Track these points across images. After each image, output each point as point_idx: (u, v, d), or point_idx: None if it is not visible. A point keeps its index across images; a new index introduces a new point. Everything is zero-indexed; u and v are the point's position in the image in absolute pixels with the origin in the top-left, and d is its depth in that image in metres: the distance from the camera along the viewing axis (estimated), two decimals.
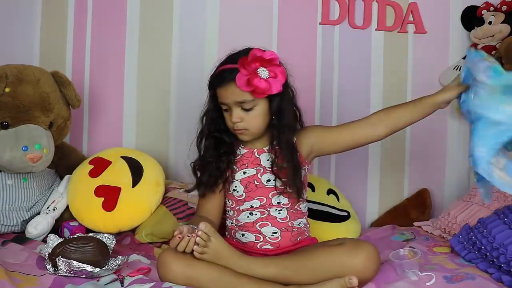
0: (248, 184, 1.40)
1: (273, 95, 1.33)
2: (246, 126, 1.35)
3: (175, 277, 1.21)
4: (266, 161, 1.40)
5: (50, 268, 1.31)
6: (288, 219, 1.40)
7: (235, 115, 1.34)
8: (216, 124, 1.41)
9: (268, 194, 1.39)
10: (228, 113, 1.37)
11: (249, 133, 1.37)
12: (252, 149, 1.42)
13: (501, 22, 1.95)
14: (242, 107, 1.33)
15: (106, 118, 2.01)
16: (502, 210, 1.52)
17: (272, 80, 1.31)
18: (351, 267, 1.23)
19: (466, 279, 1.27)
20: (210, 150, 1.41)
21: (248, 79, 1.29)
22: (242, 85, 1.29)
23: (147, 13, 2.02)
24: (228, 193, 1.44)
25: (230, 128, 1.38)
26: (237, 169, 1.42)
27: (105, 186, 1.71)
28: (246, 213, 1.40)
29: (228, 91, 1.33)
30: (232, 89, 1.32)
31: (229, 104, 1.34)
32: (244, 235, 1.41)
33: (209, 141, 1.42)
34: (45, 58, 1.96)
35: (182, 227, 1.22)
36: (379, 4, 2.07)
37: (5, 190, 1.64)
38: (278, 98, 1.35)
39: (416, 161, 2.11)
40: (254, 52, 1.31)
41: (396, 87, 2.11)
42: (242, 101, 1.32)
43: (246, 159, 1.42)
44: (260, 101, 1.34)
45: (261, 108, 1.35)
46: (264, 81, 1.30)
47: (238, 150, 1.43)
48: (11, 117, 1.60)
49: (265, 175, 1.40)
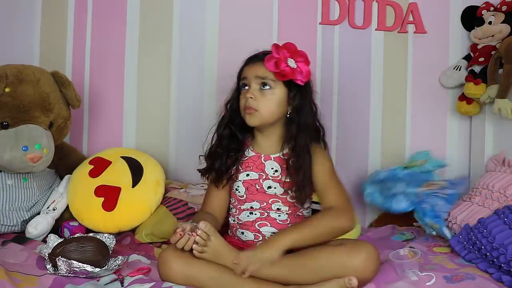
0: (250, 187, 1.41)
1: (294, 88, 1.36)
2: (258, 106, 1.35)
3: (175, 276, 1.22)
4: (270, 169, 1.41)
5: (50, 268, 1.31)
6: (289, 222, 1.40)
7: (251, 90, 1.36)
8: (235, 115, 1.42)
9: (268, 199, 1.40)
10: (244, 91, 1.38)
11: (258, 115, 1.36)
12: (260, 154, 1.43)
13: (501, 22, 1.95)
14: (261, 85, 1.36)
15: (106, 118, 2.01)
16: (502, 210, 1.52)
17: (297, 70, 1.35)
18: (351, 267, 1.23)
19: (466, 279, 1.27)
20: (225, 140, 1.42)
21: (276, 61, 1.33)
22: (269, 64, 1.34)
23: (147, 13, 2.02)
24: (232, 191, 1.45)
25: (242, 108, 1.38)
26: (241, 169, 1.43)
27: (105, 186, 1.71)
28: (247, 212, 1.41)
29: (253, 67, 1.38)
30: (258, 65, 1.37)
31: (250, 78, 1.37)
32: (243, 233, 1.41)
33: (226, 131, 1.43)
34: (45, 58, 1.96)
35: (185, 224, 1.23)
36: (379, 4, 2.07)
37: (5, 190, 1.64)
38: (298, 93, 1.37)
39: None
40: (289, 43, 1.37)
41: (396, 87, 2.11)
42: (264, 77, 1.35)
43: (252, 162, 1.42)
44: (279, 86, 1.36)
45: (278, 94, 1.36)
46: (290, 68, 1.34)
47: (246, 151, 1.45)
48: (11, 117, 1.60)
49: (267, 182, 1.40)
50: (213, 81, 2.03)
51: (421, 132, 2.12)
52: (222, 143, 1.42)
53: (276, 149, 1.42)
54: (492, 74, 1.88)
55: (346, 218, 1.33)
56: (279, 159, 1.41)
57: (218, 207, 1.44)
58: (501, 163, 1.86)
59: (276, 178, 1.39)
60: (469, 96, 1.97)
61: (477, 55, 2.00)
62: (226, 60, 2.02)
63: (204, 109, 2.03)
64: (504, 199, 1.64)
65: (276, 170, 1.40)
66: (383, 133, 2.10)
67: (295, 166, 1.36)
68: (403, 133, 2.11)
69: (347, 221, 1.33)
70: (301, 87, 1.38)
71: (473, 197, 1.77)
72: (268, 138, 1.43)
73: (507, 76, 1.80)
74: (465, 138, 2.13)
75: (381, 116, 2.10)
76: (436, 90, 2.12)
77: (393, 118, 2.11)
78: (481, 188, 1.77)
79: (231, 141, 1.43)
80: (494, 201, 1.67)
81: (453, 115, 2.12)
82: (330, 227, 1.31)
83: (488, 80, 1.90)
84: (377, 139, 2.10)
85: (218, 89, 2.02)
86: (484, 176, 1.84)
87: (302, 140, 1.36)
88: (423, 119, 2.12)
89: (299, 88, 1.37)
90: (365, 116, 2.10)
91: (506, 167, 1.81)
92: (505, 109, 1.81)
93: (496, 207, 1.63)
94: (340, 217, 1.32)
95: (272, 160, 1.41)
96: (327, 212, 1.34)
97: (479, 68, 1.97)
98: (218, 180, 1.42)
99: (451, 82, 2.08)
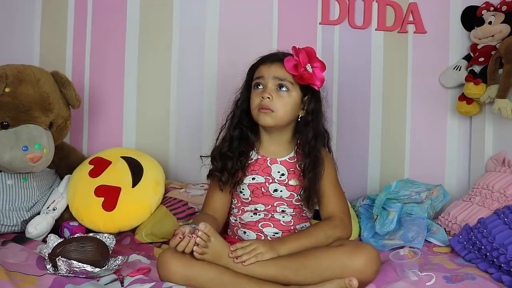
0: (255, 190, 1.40)
1: (309, 92, 1.36)
2: (274, 107, 1.33)
3: (175, 277, 1.21)
4: (276, 172, 1.40)
5: (50, 268, 1.30)
6: (292, 224, 1.40)
7: (268, 89, 1.34)
8: (245, 115, 1.41)
9: (273, 202, 1.40)
10: (259, 90, 1.36)
11: (274, 115, 1.34)
12: (266, 157, 1.41)
13: (501, 22, 1.95)
14: (278, 85, 1.34)
15: (106, 118, 2.01)
16: (502, 210, 1.52)
17: (314, 76, 1.35)
18: (352, 269, 1.22)
19: (466, 279, 1.27)
20: (235, 142, 1.40)
21: (296, 64, 1.33)
22: (289, 67, 1.33)
23: (147, 14, 2.02)
24: (235, 192, 1.44)
25: (255, 107, 1.35)
26: (246, 173, 1.41)
27: (105, 186, 1.71)
28: (250, 213, 1.41)
29: (272, 67, 1.36)
30: (277, 65, 1.35)
31: (267, 79, 1.35)
32: (245, 233, 1.41)
33: (237, 131, 1.41)
34: (45, 58, 1.96)
35: (184, 227, 1.22)
36: (379, 4, 2.07)
37: (5, 190, 1.64)
38: (313, 98, 1.37)
39: (416, 161, 2.12)
40: (309, 48, 1.36)
41: (396, 87, 2.11)
42: (282, 79, 1.34)
43: (258, 166, 1.41)
44: (296, 89, 1.36)
45: (294, 97, 1.36)
46: (308, 72, 1.34)
47: (251, 154, 1.43)
48: (11, 117, 1.60)
49: (273, 185, 1.39)
50: (213, 81, 2.03)
51: (421, 132, 2.12)
52: (233, 145, 1.40)
53: (282, 152, 1.41)
54: (492, 74, 1.88)
55: (345, 229, 1.35)
56: (285, 162, 1.40)
57: (220, 208, 1.43)
58: (501, 163, 1.86)
59: (283, 181, 1.39)
60: (469, 96, 1.97)
61: (477, 55, 2.00)
62: (226, 60, 2.02)
63: (204, 109, 2.03)
64: (504, 199, 1.65)
65: (283, 173, 1.39)
66: (383, 133, 2.10)
67: (309, 170, 1.35)
68: (403, 133, 2.11)
69: (345, 232, 1.35)
70: (316, 92, 1.38)
71: (473, 197, 1.77)
72: (275, 141, 1.42)
73: (507, 76, 1.80)
74: (465, 138, 2.13)
75: (381, 116, 2.10)
76: (436, 90, 2.12)
77: (393, 118, 2.11)
78: (481, 188, 1.77)
79: (241, 142, 1.40)
80: (494, 201, 1.67)
81: (453, 115, 2.12)
82: (328, 237, 1.32)
83: (488, 80, 1.90)
84: (377, 139, 2.10)
85: (218, 89, 2.02)
86: (484, 176, 1.84)
87: (318, 144, 1.37)
88: (423, 119, 2.12)
89: (313, 93, 1.38)
90: (365, 116, 2.10)
91: (506, 167, 1.81)
92: (505, 109, 1.81)
93: (496, 207, 1.63)
94: (339, 228, 1.34)
95: (279, 164, 1.40)
96: (327, 223, 1.35)
97: (479, 68, 1.97)
98: (226, 183, 1.39)
99: (451, 82, 2.08)
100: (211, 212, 1.42)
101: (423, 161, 2.11)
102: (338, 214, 1.36)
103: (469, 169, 2.12)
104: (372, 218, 1.76)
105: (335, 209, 1.37)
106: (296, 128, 1.42)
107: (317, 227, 1.35)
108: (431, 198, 1.83)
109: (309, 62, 1.35)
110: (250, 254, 1.24)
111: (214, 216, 1.40)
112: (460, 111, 2.05)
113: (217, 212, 1.42)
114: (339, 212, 1.37)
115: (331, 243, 1.33)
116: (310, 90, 1.37)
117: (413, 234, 1.63)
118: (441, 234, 1.68)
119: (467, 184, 2.11)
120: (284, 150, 1.42)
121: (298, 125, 1.40)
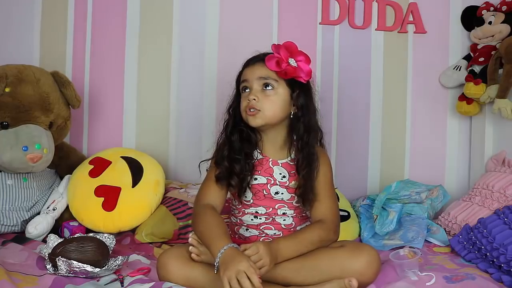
0: (257, 192, 1.38)
1: (297, 87, 1.34)
2: (261, 107, 1.32)
3: (174, 278, 1.21)
4: (278, 174, 1.38)
5: (50, 268, 1.31)
6: (294, 225, 1.40)
7: (253, 91, 1.33)
8: (240, 119, 1.39)
9: (275, 205, 1.38)
10: (246, 93, 1.35)
11: (262, 115, 1.32)
12: (268, 158, 1.39)
13: (501, 22, 1.95)
14: (263, 85, 1.33)
15: (106, 118, 2.01)
16: (502, 210, 1.52)
17: (299, 69, 1.33)
18: (352, 270, 1.22)
19: (466, 279, 1.27)
20: (236, 144, 1.37)
21: (278, 61, 1.32)
22: (271, 64, 1.32)
23: (147, 14, 2.02)
24: (236, 194, 1.40)
25: (243, 110, 1.35)
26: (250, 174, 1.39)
27: (105, 186, 1.71)
28: (251, 216, 1.39)
29: (254, 68, 1.35)
30: (259, 65, 1.34)
31: (251, 80, 1.34)
32: (248, 230, 1.40)
33: (235, 135, 1.39)
34: (45, 58, 1.96)
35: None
36: (379, 4, 2.07)
37: (5, 190, 1.64)
38: (302, 92, 1.35)
39: (416, 161, 2.12)
40: (289, 42, 1.35)
41: (396, 87, 2.11)
42: (266, 77, 1.32)
43: (260, 166, 1.39)
44: (282, 86, 1.34)
45: (281, 94, 1.34)
46: (291, 66, 1.32)
47: (254, 154, 1.40)
48: (11, 117, 1.60)
49: (275, 187, 1.38)
50: (213, 81, 2.03)
51: (421, 132, 2.12)
52: (235, 147, 1.37)
53: (283, 154, 1.40)
54: (492, 74, 1.88)
55: (336, 232, 1.34)
56: (286, 165, 1.39)
57: (217, 202, 1.36)
58: (501, 163, 1.86)
59: (284, 184, 1.38)
60: (469, 96, 1.97)
61: (477, 55, 2.00)
62: (226, 60, 2.02)
63: (204, 109, 2.03)
64: (504, 199, 1.65)
65: (284, 176, 1.38)
66: (383, 133, 2.10)
67: (303, 166, 1.34)
68: (403, 133, 2.11)
69: (335, 235, 1.34)
70: (304, 86, 1.36)
71: (473, 197, 1.77)
72: (273, 142, 1.40)
73: (507, 76, 1.80)
74: (465, 138, 2.13)
75: (381, 116, 2.10)
76: (436, 90, 2.12)
77: (393, 118, 2.11)
78: (481, 188, 1.77)
79: (243, 144, 1.38)
80: (494, 201, 1.67)
81: (453, 115, 2.12)
82: (322, 241, 1.30)
83: (488, 80, 1.90)
84: (377, 139, 2.10)
85: (218, 89, 2.02)
86: (484, 176, 1.84)
87: (310, 139, 1.35)
88: (423, 119, 2.12)
89: (302, 87, 1.35)
90: (365, 116, 2.10)
91: (506, 167, 1.81)
92: (505, 109, 1.81)
93: (496, 207, 1.63)
94: (332, 231, 1.33)
95: (280, 166, 1.39)
96: (321, 226, 1.32)
97: (479, 68, 1.97)
98: (235, 187, 1.35)
99: (451, 82, 2.08)
100: (211, 203, 1.34)
101: (423, 160, 2.11)
102: (330, 217, 1.34)
103: (469, 169, 2.12)
104: (372, 218, 1.76)
105: (327, 212, 1.35)
106: (291, 126, 1.39)
107: (313, 232, 1.31)
108: (431, 198, 1.83)
109: (291, 57, 1.33)
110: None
111: (217, 211, 1.34)
112: (460, 111, 2.05)
113: (216, 204, 1.35)
114: (331, 215, 1.35)
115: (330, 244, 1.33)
116: (298, 84, 1.35)
117: (413, 234, 1.63)
118: (441, 234, 1.68)
119: (467, 184, 2.11)
120: (283, 151, 1.40)
121: (292, 122, 1.38)
